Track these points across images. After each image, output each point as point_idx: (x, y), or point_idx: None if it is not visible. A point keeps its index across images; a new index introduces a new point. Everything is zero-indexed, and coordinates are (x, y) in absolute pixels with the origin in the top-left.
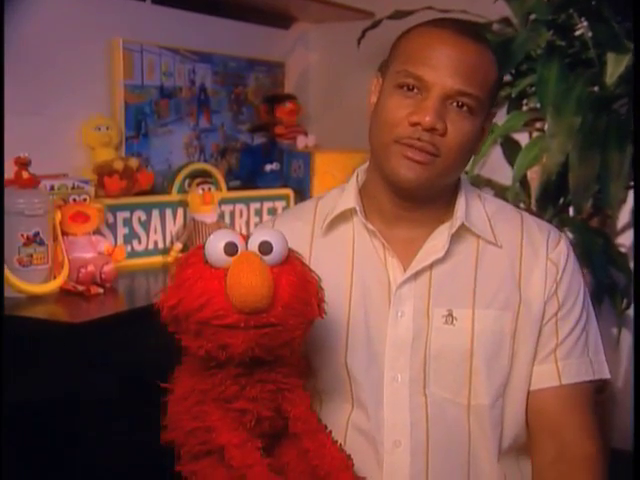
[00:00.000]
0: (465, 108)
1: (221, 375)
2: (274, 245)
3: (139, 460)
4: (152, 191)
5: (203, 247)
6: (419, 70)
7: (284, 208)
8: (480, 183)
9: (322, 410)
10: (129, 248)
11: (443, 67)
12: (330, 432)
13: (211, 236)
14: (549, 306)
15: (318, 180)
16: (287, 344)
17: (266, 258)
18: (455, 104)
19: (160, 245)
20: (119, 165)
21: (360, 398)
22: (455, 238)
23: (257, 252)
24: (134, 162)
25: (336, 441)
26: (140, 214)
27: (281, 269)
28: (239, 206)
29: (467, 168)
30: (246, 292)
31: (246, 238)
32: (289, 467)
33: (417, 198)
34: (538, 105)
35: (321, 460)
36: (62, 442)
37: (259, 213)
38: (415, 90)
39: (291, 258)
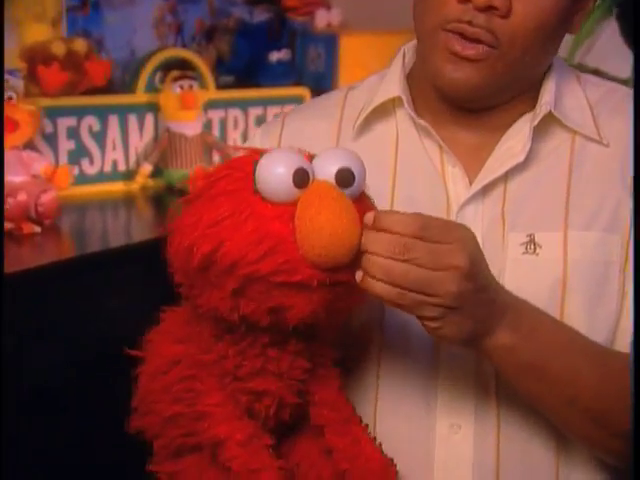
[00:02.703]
0: None
1: (244, 344)
2: (356, 175)
3: (96, 457)
4: (108, 89)
5: (251, 168)
6: None
7: None
8: None
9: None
10: (76, 170)
11: None
12: (367, 426)
13: (267, 158)
14: None
15: (345, 73)
16: (354, 305)
17: (346, 192)
18: None
19: (121, 166)
20: (59, 49)
21: (402, 364)
22: (541, 134)
23: (334, 183)
24: (81, 45)
25: (374, 437)
26: (92, 121)
27: (358, 207)
28: (233, 112)
29: (564, 55)
30: (330, 242)
31: (309, 158)
32: (300, 470)
33: (480, 103)
34: None
35: (352, 462)
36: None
37: (262, 122)
38: None
39: None
